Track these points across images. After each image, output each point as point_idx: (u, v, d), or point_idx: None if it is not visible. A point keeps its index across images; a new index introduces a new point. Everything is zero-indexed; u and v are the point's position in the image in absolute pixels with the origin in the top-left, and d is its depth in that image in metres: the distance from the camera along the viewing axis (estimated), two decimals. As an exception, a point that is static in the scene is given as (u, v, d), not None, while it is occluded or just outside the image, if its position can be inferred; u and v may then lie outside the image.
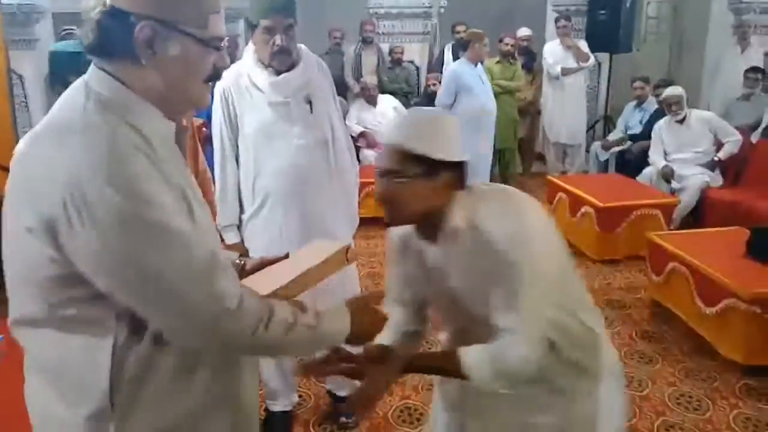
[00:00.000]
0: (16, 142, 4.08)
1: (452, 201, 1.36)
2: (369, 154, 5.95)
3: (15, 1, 6.00)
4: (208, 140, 3.32)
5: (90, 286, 0.96)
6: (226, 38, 1.10)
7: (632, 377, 2.90)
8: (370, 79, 6.05)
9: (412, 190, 1.33)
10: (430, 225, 1.39)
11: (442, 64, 6.57)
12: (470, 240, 1.33)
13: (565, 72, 6.30)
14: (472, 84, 5.10)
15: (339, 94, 6.58)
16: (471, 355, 1.32)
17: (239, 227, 2.33)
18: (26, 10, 6.12)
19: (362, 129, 5.97)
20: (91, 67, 1.04)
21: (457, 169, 1.35)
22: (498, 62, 6.14)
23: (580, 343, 1.42)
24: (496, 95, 5.92)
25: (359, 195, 4.95)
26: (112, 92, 1.00)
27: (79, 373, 1.01)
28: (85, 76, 1.04)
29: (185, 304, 0.96)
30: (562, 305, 1.38)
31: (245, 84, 2.19)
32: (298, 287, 1.33)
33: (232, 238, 2.33)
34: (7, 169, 3.68)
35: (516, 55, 6.32)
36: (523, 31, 6.50)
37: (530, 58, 6.52)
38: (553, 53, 6.36)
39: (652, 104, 5.85)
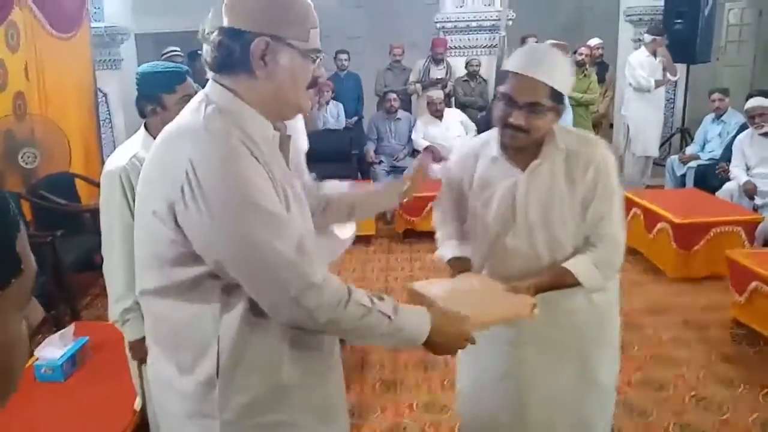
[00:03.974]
0: (101, 157, 4.33)
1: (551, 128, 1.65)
2: (434, 168, 5.93)
3: (102, 24, 6.38)
4: None
5: (201, 263, 1.09)
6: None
7: (712, 400, 2.75)
8: (436, 93, 6.05)
9: (545, 120, 1.60)
10: (532, 149, 1.65)
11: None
12: (566, 163, 1.64)
13: (658, 84, 6.07)
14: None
15: (404, 109, 6.67)
16: (581, 267, 1.63)
17: None
18: (112, 32, 6.50)
19: (427, 143, 5.98)
20: (210, 81, 1.18)
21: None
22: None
23: None
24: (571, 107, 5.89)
25: (425, 209, 5.03)
26: (226, 102, 1.14)
27: (191, 341, 1.14)
28: (205, 89, 1.19)
29: (276, 276, 1.07)
30: None
31: None
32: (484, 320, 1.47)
33: None
34: (93, 183, 3.89)
35: (588, 66, 6.20)
36: (596, 41, 6.34)
37: (602, 68, 6.35)
38: (641, 64, 6.07)
39: (731, 116, 5.58)
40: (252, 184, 1.06)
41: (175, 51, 5.74)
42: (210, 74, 1.18)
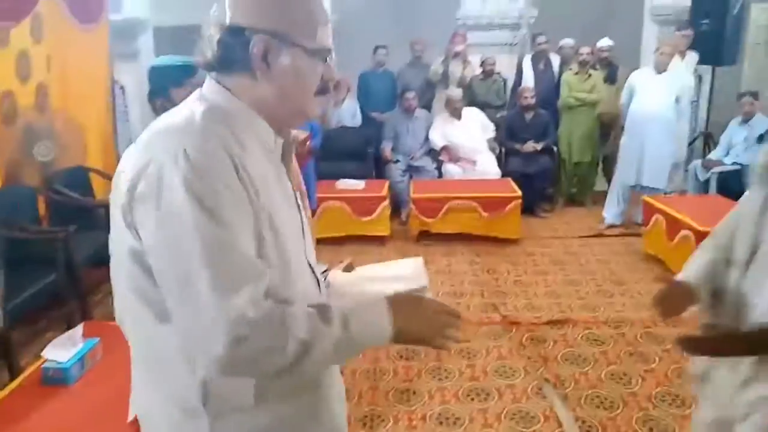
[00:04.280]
0: (117, 150, 4.29)
1: None
2: (451, 168, 5.87)
3: (120, 16, 6.35)
4: (311, 153, 3.45)
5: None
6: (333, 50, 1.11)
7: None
8: (455, 92, 5.96)
9: None
10: None
11: (522, 77, 6.39)
12: None
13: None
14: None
15: (423, 106, 6.56)
16: None
17: None
18: (130, 24, 6.47)
19: (445, 143, 5.89)
20: (207, 79, 1.08)
21: None
22: (576, 74, 5.96)
23: None
24: (573, 107, 5.96)
25: (441, 210, 4.96)
26: (222, 101, 1.05)
27: (174, 365, 1.02)
28: (201, 88, 1.09)
29: (198, 319, 0.91)
30: None
31: None
32: None
33: None
34: (108, 177, 3.87)
35: (597, 66, 6.12)
36: (604, 42, 6.21)
37: (612, 69, 6.22)
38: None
39: (759, 121, 5.43)
40: (215, 196, 0.92)
41: None
42: (210, 73, 1.08)
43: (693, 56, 5.93)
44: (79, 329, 2.49)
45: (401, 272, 1.43)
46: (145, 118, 6.12)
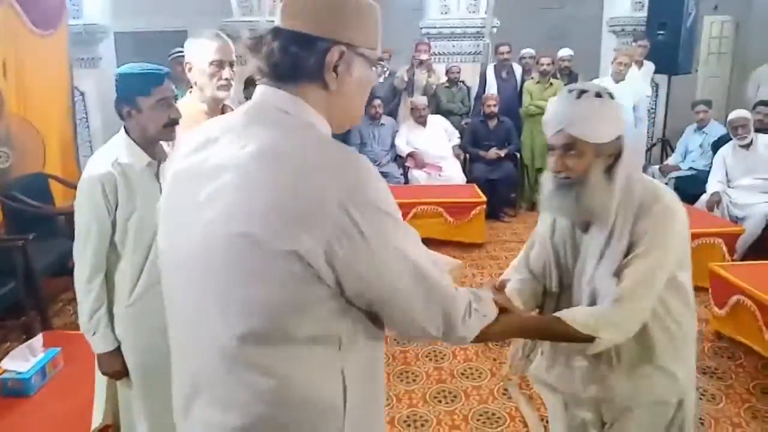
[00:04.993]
0: (77, 157, 4.19)
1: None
2: (417, 175, 5.92)
3: (81, 22, 6.25)
4: None
5: (330, 303, 0.95)
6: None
7: (692, 415, 2.74)
8: (420, 99, 6.02)
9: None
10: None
11: (485, 85, 6.50)
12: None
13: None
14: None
15: (389, 114, 6.57)
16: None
17: None
18: (91, 30, 6.37)
19: (411, 150, 5.94)
20: (272, 90, 1.01)
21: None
22: (537, 83, 6.09)
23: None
24: (535, 115, 5.99)
25: (408, 216, 4.99)
26: (307, 114, 1.00)
27: (312, 402, 0.98)
28: (268, 99, 1.01)
29: (434, 296, 1.03)
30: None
31: None
32: None
33: None
34: (67, 184, 3.77)
35: (558, 75, 6.26)
36: (564, 52, 6.37)
37: (572, 79, 6.39)
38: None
39: (713, 128, 5.64)
40: (393, 202, 0.99)
41: (181, 52, 5.66)
42: (264, 81, 1.02)
43: (649, 66, 6.12)
44: (38, 339, 2.45)
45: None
46: (108, 124, 6.03)
